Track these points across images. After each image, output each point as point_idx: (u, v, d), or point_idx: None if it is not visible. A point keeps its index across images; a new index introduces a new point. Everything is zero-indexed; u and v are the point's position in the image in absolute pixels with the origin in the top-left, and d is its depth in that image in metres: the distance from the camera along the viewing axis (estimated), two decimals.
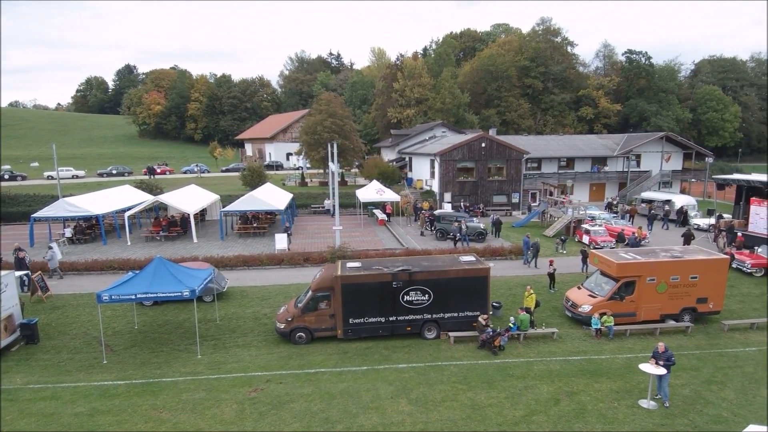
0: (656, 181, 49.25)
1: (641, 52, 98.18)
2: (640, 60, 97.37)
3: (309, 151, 48.46)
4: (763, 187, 29.92)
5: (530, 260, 27.27)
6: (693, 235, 30.37)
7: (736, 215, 32.74)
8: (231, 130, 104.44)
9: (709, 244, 31.16)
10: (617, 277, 19.46)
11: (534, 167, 48.36)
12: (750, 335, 19.32)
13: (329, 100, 49.46)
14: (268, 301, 22.15)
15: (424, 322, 18.37)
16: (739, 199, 32.63)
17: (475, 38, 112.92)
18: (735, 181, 32.60)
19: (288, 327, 18.07)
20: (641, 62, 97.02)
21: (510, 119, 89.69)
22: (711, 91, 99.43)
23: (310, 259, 27.09)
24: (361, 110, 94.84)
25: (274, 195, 36.33)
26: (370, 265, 18.78)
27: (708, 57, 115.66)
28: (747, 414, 13.75)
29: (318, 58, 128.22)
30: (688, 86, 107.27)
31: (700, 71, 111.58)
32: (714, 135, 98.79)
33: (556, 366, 16.70)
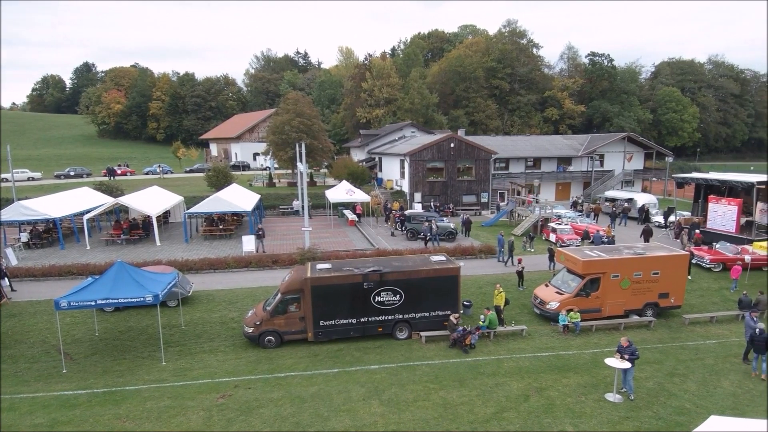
0: (619, 180, 50.74)
1: (604, 54, 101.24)
2: (603, 62, 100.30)
3: (276, 152, 47.68)
4: (720, 186, 31.17)
5: (505, 258, 27.57)
6: (652, 232, 31.39)
7: (695, 213, 34.00)
8: (195, 129, 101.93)
9: (670, 240, 32.25)
10: (583, 274, 19.87)
11: (502, 167, 49.06)
12: (710, 328, 20.05)
13: (297, 99, 48.74)
14: (235, 304, 21.65)
15: (395, 322, 18.31)
16: (698, 197, 33.90)
17: (443, 39, 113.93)
18: (693, 180, 33.84)
19: (256, 331, 17.69)
20: (604, 64, 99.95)
21: (478, 120, 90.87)
22: (670, 92, 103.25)
23: (278, 261, 26.63)
24: (329, 110, 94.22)
25: (241, 196, 35.59)
26: (340, 266, 18.59)
27: (667, 59, 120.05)
28: (708, 405, 14.21)
29: (285, 57, 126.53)
30: (649, 88, 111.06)
31: (660, 73, 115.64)
32: (673, 135, 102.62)
33: (525, 362, 16.91)
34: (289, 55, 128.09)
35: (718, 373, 16.20)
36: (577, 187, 51.62)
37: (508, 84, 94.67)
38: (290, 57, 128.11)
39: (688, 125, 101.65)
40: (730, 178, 31.18)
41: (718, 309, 21.90)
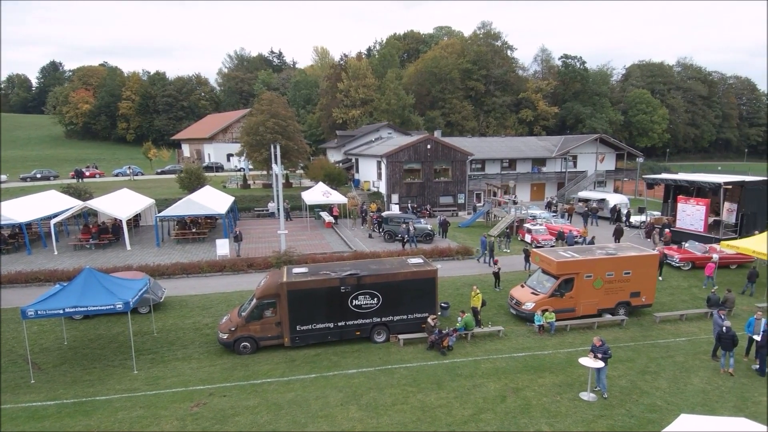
0: (591, 180, 51.77)
1: (576, 56, 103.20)
2: (575, 64, 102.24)
3: (251, 153, 46.96)
4: (688, 186, 32.06)
5: (488, 259, 27.84)
6: (623, 231, 32.09)
7: (665, 212, 34.89)
8: (166, 129, 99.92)
9: (641, 240, 33.01)
10: (557, 274, 20.15)
11: (478, 168, 49.51)
12: (680, 326, 20.55)
13: (271, 99, 48.03)
14: (209, 310, 21.23)
15: (373, 325, 18.23)
16: (667, 197, 34.80)
17: (419, 40, 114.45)
18: (663, 181, 34.73)
19: (231, 337, 17.38)
20: (576, 67, 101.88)
21: (454, 120, 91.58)
22: (641, 94, 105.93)
23: (254, 264, 26.21)
24: (305, 110, 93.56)
25: (214, 198, 34.93)
26: (317, 270, 18.43)
27: (637, 62, 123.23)
28: (679, 402, 14.55)
29: (259, 56, 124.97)
30: (620, 90, 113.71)
31: (630, 75, 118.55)
32: (644, 136, 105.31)
33: (502, 363, 17.04)
34: (263, 55, 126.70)
35: (688, 370, 16.61)
36: (551, 188, 52.45)
37: (483, 85, 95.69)
38: (264, 56, 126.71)
39: (658, 126, 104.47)
40: (698, 178, 32.12)
41: (687, 307, 22.50)
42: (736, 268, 27.18)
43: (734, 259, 26.93)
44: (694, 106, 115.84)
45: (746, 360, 17.12)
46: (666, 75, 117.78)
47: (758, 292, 23.80)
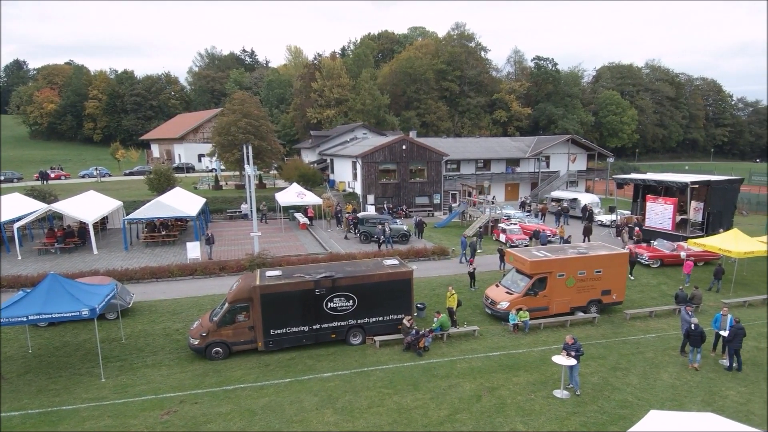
0: (564, 180, 52.67)
1: (548, 58, 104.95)
2: (548, 66, 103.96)
3: (222, 153, 46.09)
4: (657, 186, 32.86)
5: (469, 258, 27.92)
6: (591, 229, 32.82)
7: (634, 212, 35.68)
8: (135, 129, 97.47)
9: (611, 239, 33.67)
10: (531, 274, 20.36)
11: (454, 168, 49.82)
12: (649, 323, 20.99)
13: (243, 99, 47.17)
14: (179, 315, 20.71)
15: (349, 328, 18.06)
16: (637, 196, 35.60)
17: (393, 40, 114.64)
18: (632, 181, 35.51)
19: (203, 342, 16.97)
20: (548, 68, 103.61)
21: (429, 121, 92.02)
22: (611, 95, 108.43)
23: (226, 267, 25.68)
24: (278, 110, 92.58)
25: (185, 200, 34.07)
26: (291, 272, 18.15)
27: (608, 64, 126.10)
28: (649, 397, 14.83)
29: (230, 55, 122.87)
30: (591, 91, 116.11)
31: (600, 77, 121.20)
32: (614, 136, 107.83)
33: (477, 363, 17.10)
34: (235, 53, 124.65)
35: (657, 366, 16.96)
36: (525, 188, 53.16)
37: (457, 86, 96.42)
38: (236, 55, 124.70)
39: (628, 127, 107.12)
40: (666, 178, 32.94)
41: (656, 304, 23.01)
42: (703, 265, 27.92)
43: (701, 257, 27.68)
44: (662, 107, 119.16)
45: (713, 355, 17.58)
46: (635, 77, 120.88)
47: (724, 288, 24.52)
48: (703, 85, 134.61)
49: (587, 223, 34.77)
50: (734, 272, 25.06)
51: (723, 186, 31.72)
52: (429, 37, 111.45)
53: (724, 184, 31.85)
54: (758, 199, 46.86)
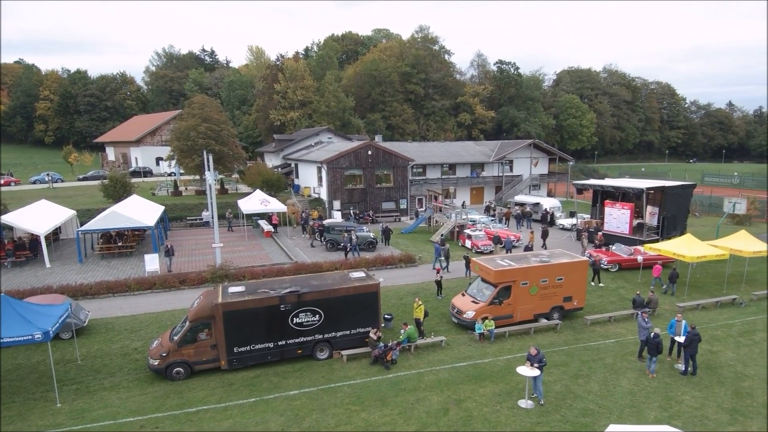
0: (527, 184, 53.79)
1: (510, 62, 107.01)
2: (510, 70, 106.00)
3: (182, 159, 44.77)
4: (614, 191, 33.95)
5: (444, 265, 28.19)
6: (548, 232, 33.84)
7: (593, 216, 36.76)
8: (89, 131, 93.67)
9: (572, 242, 34.58)
10: (495, 283, 20.62)
11: (420, 172, 50.10)
12: (609, 327, 21.58)
13: (203, 103, 45.78)
14: (138, 333, 19.96)
15: (315, 343, 17.81)
16: (596, 201, 36.69)
17: (357, 42, 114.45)
18: (591, 186, 36.60)
19: (163, 363, 16.37)
20: (510, 72, 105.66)
21: (395, 124, 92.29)
22: (570, 99, 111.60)
23: (187, 280, 24.90)
24: (240, 111, 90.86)
25: (142, 209, 32.87)
26: (254, 288, 17.74)
27: (567, 68, 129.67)
28: (609, 404, 15.22)
29: (189, 54, 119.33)
30: (551, 95, 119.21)
31: (561, 81, 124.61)
32: (574, 139, 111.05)
33: (445, 374, 17.16)
34: (194, 53, 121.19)
35: (617, 372, 17.44)
36: (489, 191, 54.01)
37: (422, 89, 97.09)
38: (195, 54, 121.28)
39: (587, 130, 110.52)
40: (623, 184, 34.09)
41: (615, 308, 23.68)
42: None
43: (657, 260, 28.64)
44: (619, 111, 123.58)
45: (669, 360, 18.22)
46: (593, 81, 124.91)
47: (679, 291, 25.49)
48: (658, 89, 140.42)
49: (545, 226, 35.69)
50: (688, 275, 26.10)
51: (677, 191, 33.06)
52: (393, 39, 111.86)
53: (678, 190, 33.21)
54: (710, 201, 49.09)
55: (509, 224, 41.13)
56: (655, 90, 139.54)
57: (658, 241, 31.22)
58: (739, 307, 23.76)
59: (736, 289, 26.01)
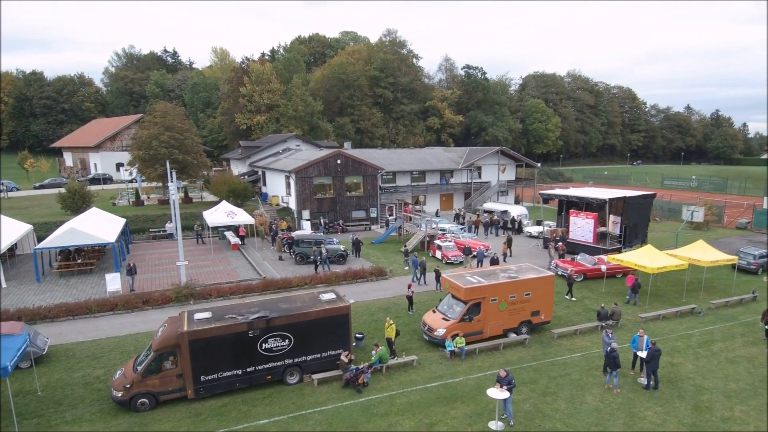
0: (495, 191, 54.58)
1: (477, 67, 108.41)
2: (477, 75, 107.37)
3: (144, 168, 43.39)
4: (578, 201, 34.78)
5: (419, 277, 28.35)
6: (512, 240, 34.57)
7: (559, 224, 37.57)
8: (45, 135, 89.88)
9: (539, 251, 35.23)
10: (466, 300, 20.79)
11: (390, 178, 50.11)
12: (575, 340, 22.04)
13: (165, 110, 44.41)
14: (100, 359, 19.23)
15: (285, 367, 17.52)
16: (561, 210, 37.52)
17: (324, 44, 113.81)
18: (556, 196, 37.39)
19: (127, 394, 15.80)
20: (478, 77, 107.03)
21: (364, 128, 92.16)
22: (536, 104, 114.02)
23: (150, 300, 24.09)
24: (204, 114, 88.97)
25: (102, 223, 31.56)
26: (221, 314, 17.31)
27: (532, 73, 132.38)
28: (576, 423, 15.55)
29: (151, 55, 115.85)
30: (518, 99, 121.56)
31: (526, 86, 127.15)
32: (540, 143, 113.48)
33: (416, 396, 17.16)
34: (155, 53, 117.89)
35: (583, 388, 17.83)
36: (459, 198, 54.55)
37: (391, 93, 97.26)
38: (157, 55, 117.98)
39: (552, 134, 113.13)
40: (587, 194, 34.95)
41: (581, 319, 24.23)
42: (621, 277, 29.78)
43: (621, 269, 29.49)
44: (583, 115, 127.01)
45: (632, 373, 18.76)
46: (558, 85, 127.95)
47: (641, 301, 26.28)
48: (620, 93, 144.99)
49: (509, 234, 36.38)
50: (649, 285, 26.94)
51: (637, 201, 34.14)
52: (361, 42, 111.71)
53: (639, 199, 34.30)
54: (670, 206, 50.92)
55: (478, 232, 41.60)
56: (616, 94, 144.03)
57: (621, 249, 32.23)
58: (697, 316, 24.68)
59: (695, 298, 27.02)
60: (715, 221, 47.28)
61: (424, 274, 28.46)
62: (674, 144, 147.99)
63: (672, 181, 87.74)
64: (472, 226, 42.29)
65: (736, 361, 19.74)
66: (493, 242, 36.90)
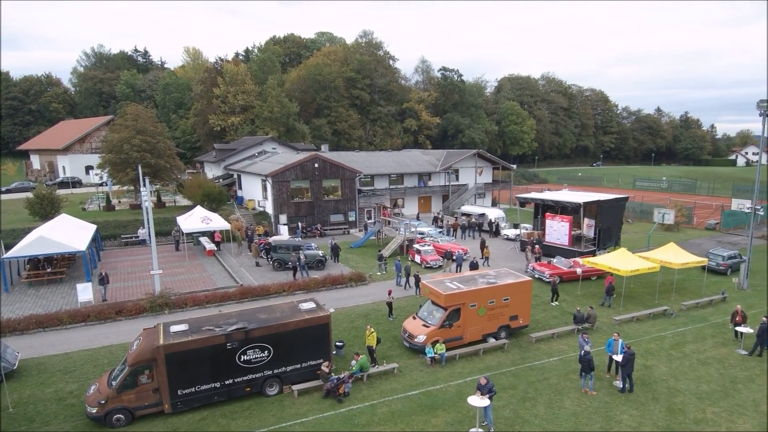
0: (473, 193, 55.06)
1: (454, 69, 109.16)
2: (453, 77, 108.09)
3: (115, 172, 42.30)
4: (554, 205, 35.36)
5: (403, 282, 28.43)
6: (485, 241, 34.90)
7: (535, 227, 38.13)
8: (11, 137, 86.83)
9: (516, 254, 35.65)
10: (445, 306, 20.89)
11: (368, 181, 50.05)
12: (552, 344, 22.37)
13: (137, 114, 43.40)
14: (73, 373, 18.66)
15: (264, 379, 17.30)
16: (537, 213, 38.09)
17: (300, 44, 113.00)
18: (533, 200, 37.94)
19: (101, 411, 15.37)
20: (454, 79, 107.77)
21: (341, 129, 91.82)
22: (511, 106, 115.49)
23: (123, 311, 23.48)
24: (177, 115, 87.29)
25: (72, 230, 30.56)
26: (198, 326, 16.98)
27: (507, 75, 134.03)
28: (554, 428, 15.78)
29: (121, 54, 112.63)
30: (494, 101, 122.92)
31: (502, 88, 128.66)
32: (516, 145, 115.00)
33: (398, 405, 17.15)
34: (126, 53, 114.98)
35: (561, 392, 18.09)
36: (437, 201, 54.85)
37: (368, 94, 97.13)
38: (127, 54, 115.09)
39: (527, 136, 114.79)
40: (562, 198, 35.57)
41: (558, 323, 24.60)
42: (596, 279, 30.40)
43: (595, 272, 30.07)
44: (557, 117, 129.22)
45: (608, 377, 19.14)
46: (532, 88, 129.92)
47: (615, 303, 26.84)
48: (592, 96, 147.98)
49: (482, 237, 37.15)
50: (623, 287, 27.54)
51: (611, 204, 34.89)
52: (337, 43, 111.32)
53: (612, 202, 35.05)
54: (642, 208, 52.21)
55: (456, 235, 41.88)
56: (589, 97, 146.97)
57: (595, 252, 32.87)
58: (669, 317, 25.33)
59: (666, 299, 27.74)
60: (685, 222, 48.66)
61: (408, 278, 28.40)
62: (645, 145, 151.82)
63: (643, 182, 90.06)
64: (450, 229, 42.52)
65: (708, 363, 20.33)
66: (471, 245, 37.21)
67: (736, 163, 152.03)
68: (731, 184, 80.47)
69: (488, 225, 43.34)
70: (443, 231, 41.28)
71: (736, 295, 28.75)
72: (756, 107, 26.99)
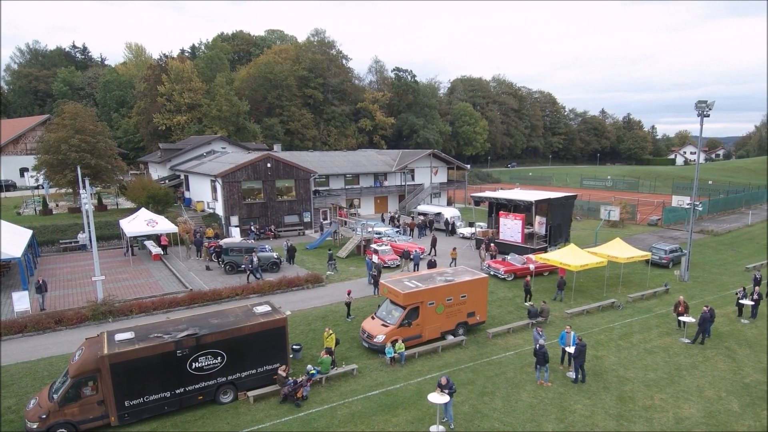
0: (428, 193, 55.52)
1: (407, 70, 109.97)
2: (407, 77, 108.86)
3: (52, 174, 39.82)
4: (507, 204, 36.13)
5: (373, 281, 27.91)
6: (436, 239, 35.49)
7: (490, 226, 38.84)
8: None
9: (472, 252, 36.13)
10: (404, 305, 20.83)
11: (323, 181, 49.47)
12: (508, 339, 22.74)
13: (76, 112, 41.07)
14: (10, 388, 17.27)
15: (218, 386, 16.59)
16: (491, 212, 38.82)
17: (249, 42, 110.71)
18: (487, 199, 38.64)
19: (43, 425, 14.28)
20: (408, 79, 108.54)
21: (294, 129, 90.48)
22: (464, 107, 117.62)
23: (63, 320, 22.01)
24: (118, 114, 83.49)
25: (6, 235, 28.17)
26: (146, 333, 16.08)
27: (460, 77, 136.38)
28: (512, 421, 16.00)
29: (58, 51, 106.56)
30: (447, 102, 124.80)
31: (455, 89, 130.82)
32: (469, 145, 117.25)
33: (358, 406, 16.90)
34: (63, 49, 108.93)
35: (517, 385, 18.39)
36: (393, 200, 54.94)
37: (321, 94, 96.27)
38: (65, 51, 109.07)
39: (480, 136, 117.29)
40: (515, 197, 36.39)
41: (514, 318, 25.07)
42: (548, 275, 31.27)
43: (547, 268, 30.92)
44: (508, 118, 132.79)
45: (561, 368, 19.64)
46: (484, 89, 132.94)
47: (566, 297, 27.67)
48: (541, 98, 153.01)
49: (433, 235, 37.71)
50: (573, 282, 28.45)
51: (561, 202, 36.02)
52: (288, 41, 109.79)
53: (562, 201, 36.20)
54: (589, 206, 54.27)
55: (413, 234, 42.04)
56: (538, 99, 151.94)
57: (547, 248, 33.82)
58: (617, 309, 26.35)
59: (614, 292, 28.87)
60: (629, 219, 50.98)
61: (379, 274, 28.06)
62: (591, 146, 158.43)
63: (590, 182, 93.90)
64: (406, 229, 42.61)
65: (654, 351, 21.25)
66: (426, 244, 37.40)
67: (675, 162, 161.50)
68: (671, 182, 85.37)
69: (444, 224, 43.77)
70: (400, 231, 41.32)
71: (678, 286, 30.32)
72: (694, 107, 28.53)
